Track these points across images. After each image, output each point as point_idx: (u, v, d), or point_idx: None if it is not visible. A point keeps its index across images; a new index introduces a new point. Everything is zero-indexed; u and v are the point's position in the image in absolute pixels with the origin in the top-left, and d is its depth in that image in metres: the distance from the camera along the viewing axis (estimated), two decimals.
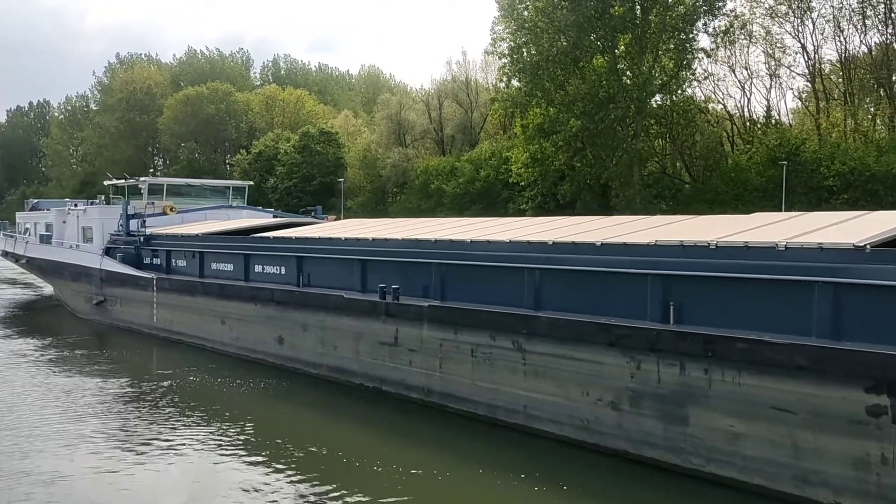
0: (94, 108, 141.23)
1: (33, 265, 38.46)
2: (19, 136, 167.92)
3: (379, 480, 13.53)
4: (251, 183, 37.29)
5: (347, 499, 12.62)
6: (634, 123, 57.43)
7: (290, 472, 13.90)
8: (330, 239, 21.02)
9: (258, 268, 23.28)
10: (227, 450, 15.32)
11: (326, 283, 20.71)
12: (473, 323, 16.28)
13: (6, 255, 42.48)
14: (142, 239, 28.70)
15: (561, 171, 60.27)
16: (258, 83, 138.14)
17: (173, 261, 27.45)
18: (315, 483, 13.32)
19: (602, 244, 14.93)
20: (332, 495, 12.76)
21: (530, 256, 16.00)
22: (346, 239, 20.43)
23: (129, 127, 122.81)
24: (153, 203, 31.45)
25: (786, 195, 51.35)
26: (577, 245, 15.39)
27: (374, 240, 19.65)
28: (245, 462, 14.60)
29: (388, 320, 18.07)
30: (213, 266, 25.25)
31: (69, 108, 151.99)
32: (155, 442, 15.79)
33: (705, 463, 12.70)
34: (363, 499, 12.64)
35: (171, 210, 31.02)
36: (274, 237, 23.23)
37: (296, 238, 22.21)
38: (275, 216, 34.05)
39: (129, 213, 29.43)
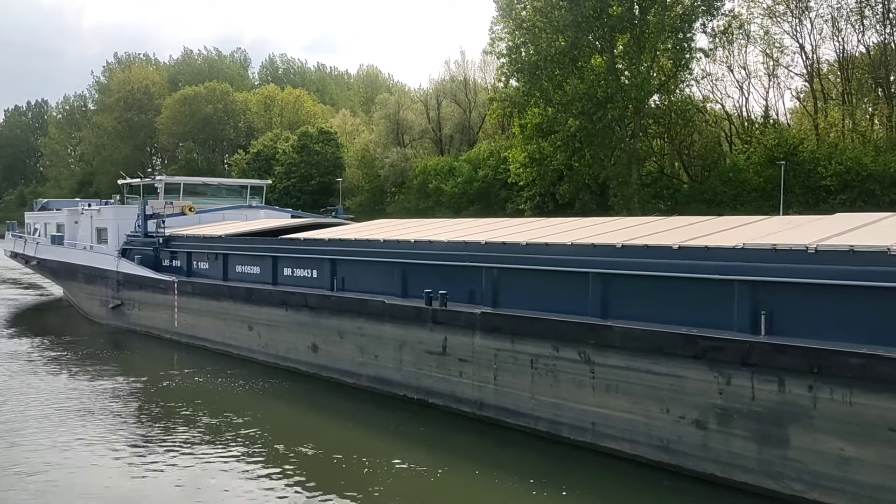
0: (92, 108, 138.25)
1: (44, 267, 36.30)
2: (17, 136, 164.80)
3: (432, 498, 12.28)
4: (269, 182, 35.33)
5: None
6: (632, 123, 55.96)
7: (329, 489, 12.54)
8: (367, 241, 19.23)
9: (287, 271, 21.49)
10: (255, 463, 13.90)
11: (362, 287, 19.01)
12: (534, 332, 14.65)
13: (15, 256, 40.22)
14: (160, 240, 26.76)
15: (559, 170, 58.69)
16: (256, 83, 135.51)
17: (195, 263, 25.56)
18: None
19: (680, 247, 13.30)
20: None
21: (596, 260, 14.37)
22: (384, 241, 18.66)
23: (127, 127, 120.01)
24: (171, 203, 29.51)
25: (784, 195, 50.01)
26: (650, 248, 13.75)
27: (416, 242, 17.89)
28: (277, 477, 13.19)
29: (436, 328, 16.40)
30: (238, 269, 23.43)
31: (67, 107, 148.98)
32: (177, 450, 14.56)
33: (808, 489, 11.21)
34: None
35: (189, 210, 29.11)
36: (304, 239, 21.40)
37: (329, 240, 20.39)
38: (293, 216, 32.21)
39: (146, 213, 27.54)
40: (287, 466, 13.60)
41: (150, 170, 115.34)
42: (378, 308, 17.60)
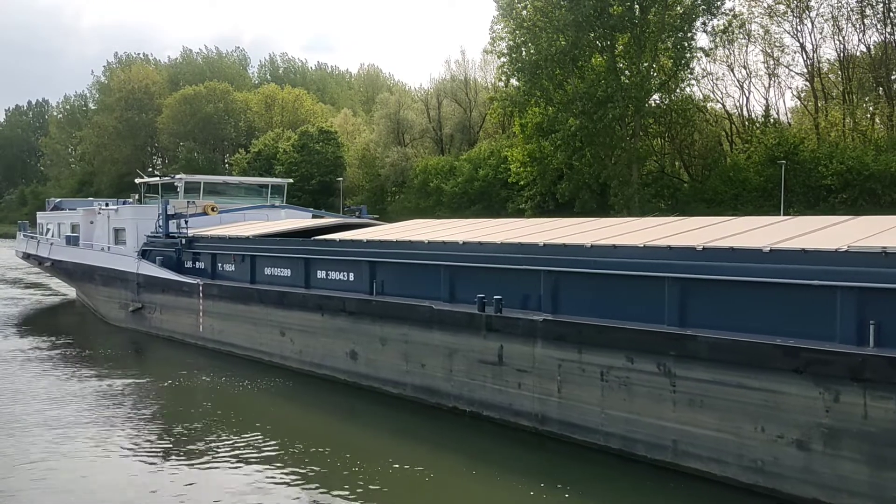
0: (93, 108, 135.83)
1: (59, 269, 34.27)
2: (18, 136, 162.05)
3: None
4: (291, 181, 33.56)
5: None
6: (633, 123, 54.82)
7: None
8: (410, 242, 17.63)
9: (321, 273, 19.83)
10: (287, 475, 12.49)
11: (404, 291, 17.40)
12: (605, 342, 13.12)
13: (28, 257, 38.09)
14: (183, 241, 25.02)
15: (559, 170, 57.31)
16: (256, 82, 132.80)
17: (219, 265, 23.80)
18: None
19: (772, 250, 11.82)
20: None
21: (673, 264, 12.88)
22: (429, 242, 17.07)
23: (128, 126, 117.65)
24: (194, 202, 27.72)
25: (784, 195, 48.78)
26: (736, 251, 12.26)
27: (464, 243, 16.33)
28: (313, 490, 11.92)
29: (490, 336, 14.86)
30: (267, 271, 21.76)
31: (67, 107, 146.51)
32: (208, 467, 13.14)
33: None
34: None
35: (212, 210, 27.34)
36: (340, 240, 19.72)
37: (367, 241, 18.74)
38: (314, 216, 30.51)
39: (167, 212, 25.76)
40: (325, 480, 12.31)
41: (150, 169, 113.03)
42: (426, 314, 16.03)
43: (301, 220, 27.73)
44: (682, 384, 12.14)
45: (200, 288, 23.24)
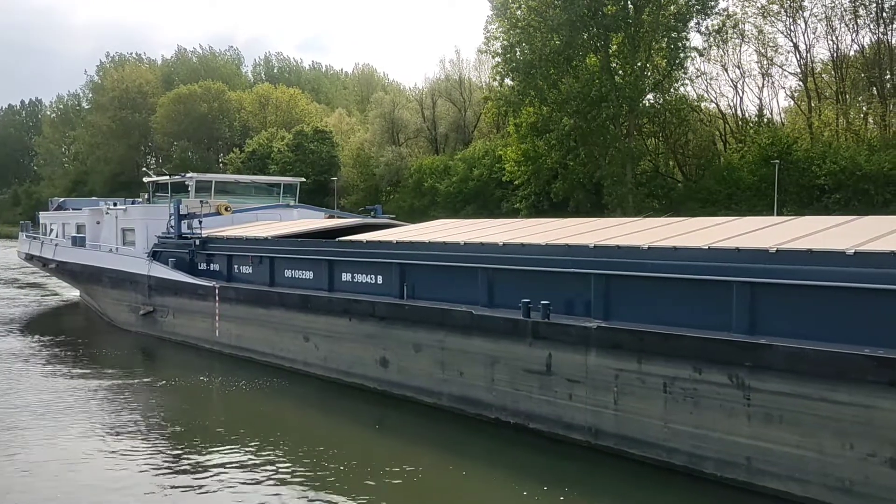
0: (86, 107, 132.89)
1: (64, 270, 32.50)
2: (11, 135, 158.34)
3: None
4: (303, 179, 32.07)
5: None
6: (627, 122, 53.84)
7: None
8: (444, 244, 16.32)
9: (345, 276, 18.45)
10: (315, 495, 11.34)
11: (438, 295, 16.10)
12: (669, 351, 11.92)
13: (31, 258, 36.19)
14: (197, 242, 23.51)
15: (554, 169, 56.26)
16: (251, 81, 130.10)
17: (236, 267, 22.31)
18: None
19: (856, 253, 10.65)
20: None
21: (742, 268, 11.71)
22: (466, 244, 15.78)
23: (122, 126, 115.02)
24: (207, 202, 26.18)
25: (778, 194, 47.89)
26: (815, 254, 11.08)
27: (504, 245, 15.06)
28: None
29: (537, 343, 13.62)
30: (287, 273, 20.33)
31: (61, 106, 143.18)
32: (222, 478, 12.06)
33: None
34: None
35: (226, 210, 25.83)
36: (368, 241, 18.35)
37: (397, 242, 17.41)
38: (328, 216, 29.05)
39: (180, 212, 24.24)
40: (351, 492, 11.31)
41: (143, 168, 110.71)
42: (465, 319, 14.75)
43: (316, 220, 26.31)
44: (758, 397, 10.98)
45: (216, 291, 21.77)
